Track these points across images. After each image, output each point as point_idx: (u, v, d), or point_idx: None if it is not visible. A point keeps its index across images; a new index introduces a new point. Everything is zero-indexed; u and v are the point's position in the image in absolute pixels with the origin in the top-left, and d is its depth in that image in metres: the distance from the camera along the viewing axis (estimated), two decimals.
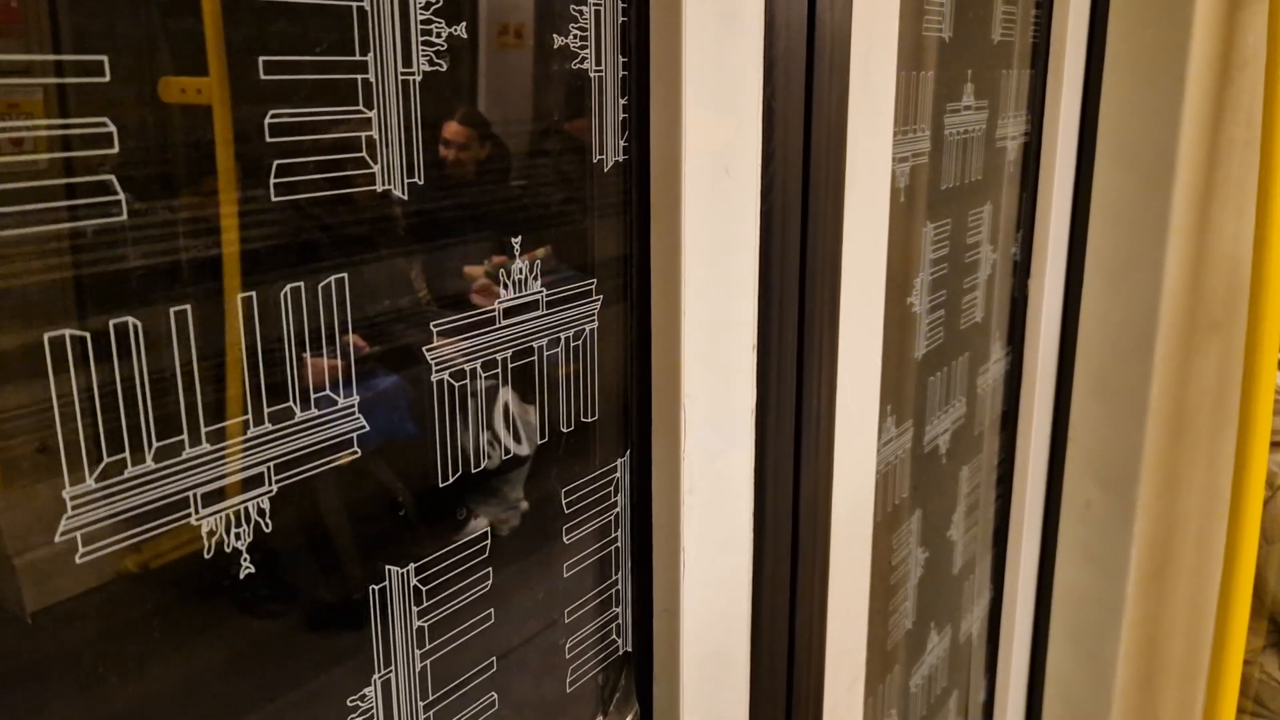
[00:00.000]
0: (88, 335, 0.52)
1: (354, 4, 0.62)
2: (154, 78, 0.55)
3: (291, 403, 0.63)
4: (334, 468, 0.66)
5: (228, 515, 0.60)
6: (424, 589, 0.73)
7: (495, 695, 0.82)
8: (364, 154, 0.64)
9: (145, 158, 0.54)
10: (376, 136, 0.65)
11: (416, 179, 0.68)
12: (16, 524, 0.54)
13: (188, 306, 0.56)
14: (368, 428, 0.67)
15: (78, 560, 0.53)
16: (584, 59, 0.81)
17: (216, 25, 0.57)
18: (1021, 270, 1.75)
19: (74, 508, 0.53)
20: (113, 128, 0.52)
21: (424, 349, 0.72)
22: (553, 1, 0.78)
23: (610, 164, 0.85)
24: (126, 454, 0.55)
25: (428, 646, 0.75)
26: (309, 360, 0.63)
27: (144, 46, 0.54)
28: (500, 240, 0.77)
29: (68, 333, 0.51)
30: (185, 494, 0.58)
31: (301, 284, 0.63)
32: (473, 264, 0.76)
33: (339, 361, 0.65)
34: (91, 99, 0.52)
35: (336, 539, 0.70)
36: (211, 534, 0.59)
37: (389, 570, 0.71)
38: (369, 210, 0.66)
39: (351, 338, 0.66)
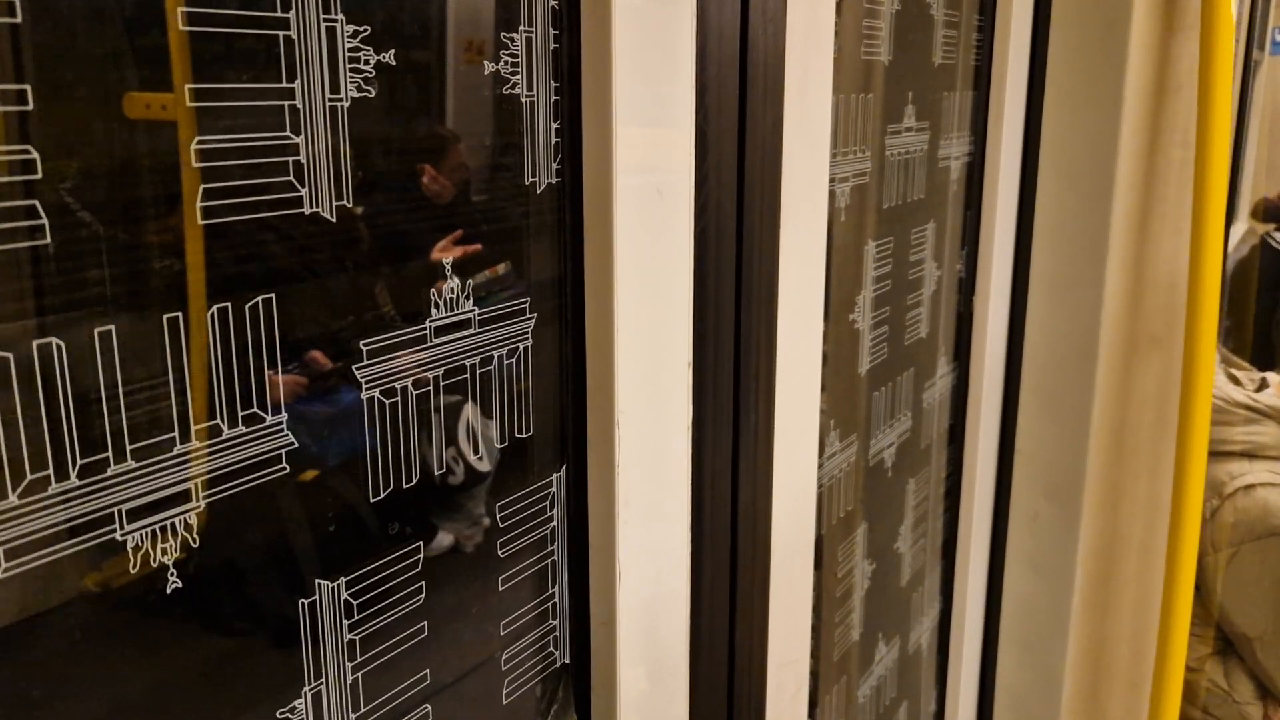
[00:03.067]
0: (10, 356, 0.54)
1: (281, 32, 0.64)
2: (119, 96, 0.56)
3: (219, 420, 0.64)
4: (264, 483, 0.68)
5: (154, 531, 0.61)
6: (355, 603, 0.75)
7: (430, 708, 0.83)
8: (291, 178, 0.66)
9: (65, 182, 0.56)
10: (304, 161, 0.66)
11: (345, 202, 0.70)
12: None
13: (112, 327, 0.58)
14: (296, 444, 0.69)
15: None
16: (516, 84, 0.83)
17: (182, 45, 0.59)
18: (966, 287, 1.79)
19: None
20: (36, 154, 0.53)
21: (355, 367, 0.73)
22: (484, 28, 0.80)
23: (543, 186, 0.87)
24: (50, 470, 0.56)
25: (359, 659, 0.76)
26: (236, 378, 0.65)
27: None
28: (432, 261, 0.79)
29: None
30: (110, 510, 0.59)
31: (229, 304, 0.64)
32: (404, 285, 0.78)
33: (267, 379, 0.66)
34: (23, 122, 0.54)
35: (266, 554, 0.71)
36: (137, 549, 0.61)
37: (319, 584, 0.72)
38: (297, 233, 0.67)
39: (280, 357, 0.67)
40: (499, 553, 0.89)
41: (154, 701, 0.65)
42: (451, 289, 0.80)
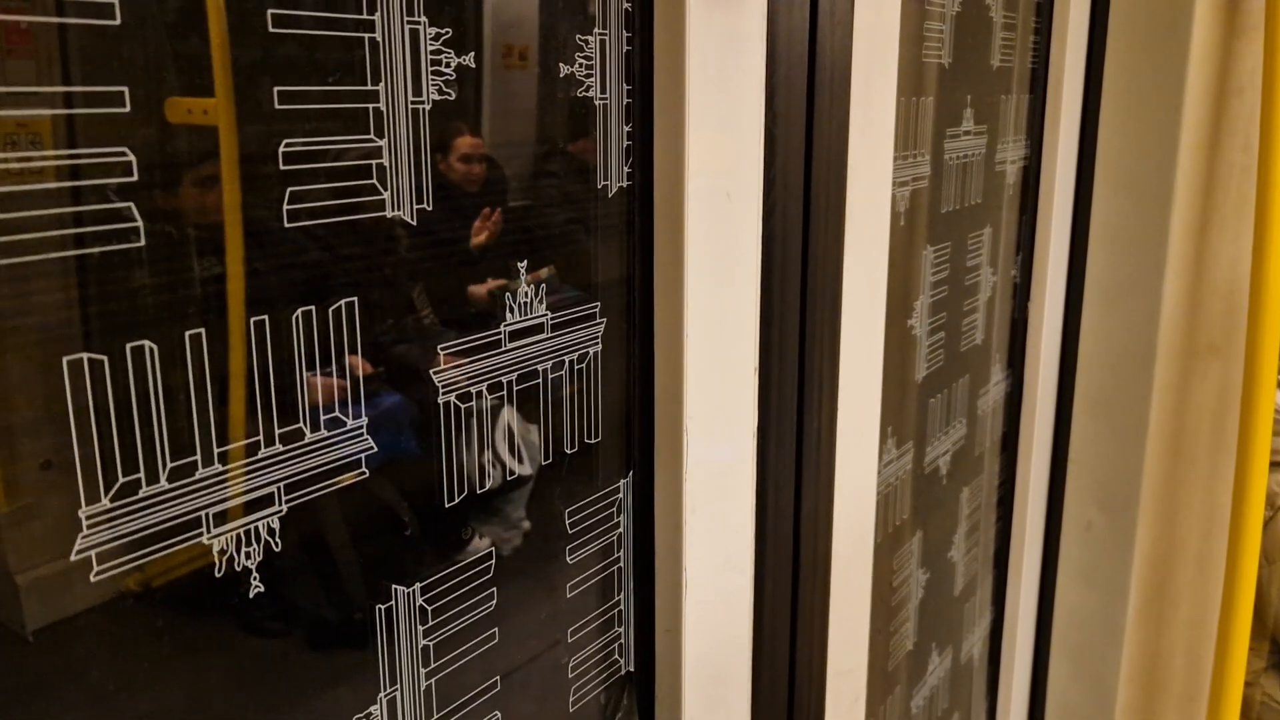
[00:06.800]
0: (105, 359, 0.54)
1: (366, 35, 0.64)
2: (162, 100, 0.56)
3: (302, 424, 0.64)
4: (342, 488, 0.67)
5: (239, 534, 0.61)
6: (429, 608, 0.74)
7: (499, 714, 0.83)
8: (374, 181, 0.66)
9: (159, 185, 0.56)
10: (387, 164, 0.66)
11: (425, 205, 0.69)
12: (31, 542, 0.55)
13: (202, 330, 0.58)
14: (376, 448, 0.68)
15: (92, 579, 0.54)
16: (589, 87, 0.82)
17: (224, 55, 0.59)
18: (1021, 293, 1.76)
19: (89, 527, 0.54)
20: (131, 156, 0.53)
21: (431, 371, 0.73)
22: (559, 32, 0.80)
23: (614, 189, 0.86)
24: (141, 474, 0.56)
25: (432, 665, 0.75)
26: (319, 382, 0.64)
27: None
28: (506, 264, 0.78)
29: (85, 356, 0.53)
30: (198, 514, 0.59)
31: (313, 308, 0.64)
32: (480, 287, 0.77)
33: (348, 384, 0.66)
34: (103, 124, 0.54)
35: (344, 558, 0.71)
36: (223, 553, 0.61)
37: (395, 589, 0.72)
38: (378, 236, 0.67)
39: (360, 361, 0.67)
40: (567, 559, 0.88)
41: (232, 706, 0.65)
42: (525, 293, 0.79)
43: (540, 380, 0.82)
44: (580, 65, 0.81)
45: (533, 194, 0.82)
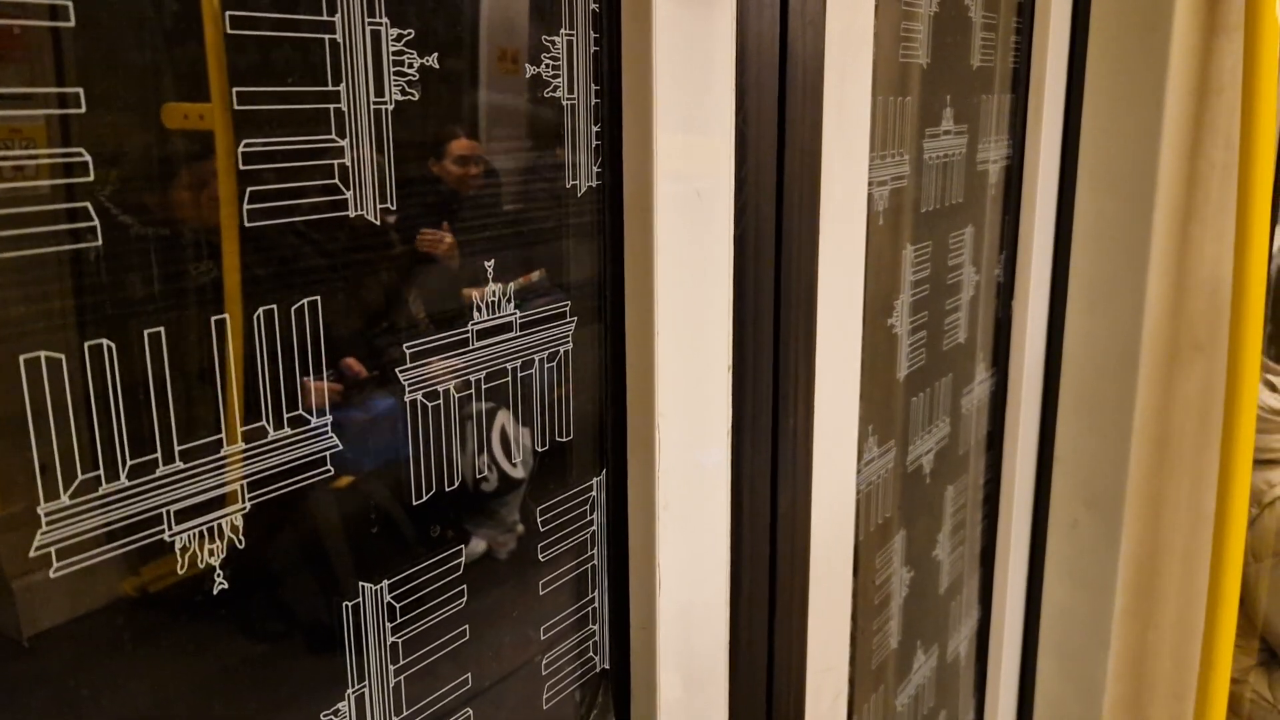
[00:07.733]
0: (63, 357, 0.54)
1: (326, 36, 0.64)
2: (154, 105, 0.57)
3: (265, 422, 0.65)
4: (308, 485, 0.68)
5: (201, 532, 0.62)
6: (397, 605, 0.75)
7: (470, 712, 0.83)
8: (336, 181, 0.66)
9: (119, 185, 0.56)
10: (349, 164, 0.67)
11: (389, 204, 0.70)
12: (24, 546, 0.55)
13: (161, 329, 0.58)
14: (340, 446, 0.69)
15: (51, 575, 0.55)
16: (557, 87, 0.83)
17: (219, 54, 0.60)
18: (1005, 292, 1.77)
19: (49, 524, 0.55)
20: (88, 157, 0.54)
21: (398, 370, 0.74)
22: (526, 32, 0.80)
23: (584, 189, 0.87)
24: (101, 471, 0.56)
25: (402, 662, 0.76)
26: (281, 381, 0.65)
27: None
28: (474, 264, 0.79)
29: (43, 354, 0.53)
30: (158, 510, 0.59)
31: (275, 306, 0.64)
32: (446, 288, 0.78)
33: (312, 382, 0.67)
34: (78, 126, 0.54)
35: (310, 555, 0.71)
36: (185, 550, 0.61)
37: (362, 586, 0.72)
38: (342, 235, 0.68)
39: (325, 359, 0.67)
40: (540, 557, 0.89)
41: (199, 702, 0.65)
42: (493, 292, 0.80)
43: (510, 379, 0.83)
44: (548, 66, 0.82)
45: (500, 194, 0.83)
